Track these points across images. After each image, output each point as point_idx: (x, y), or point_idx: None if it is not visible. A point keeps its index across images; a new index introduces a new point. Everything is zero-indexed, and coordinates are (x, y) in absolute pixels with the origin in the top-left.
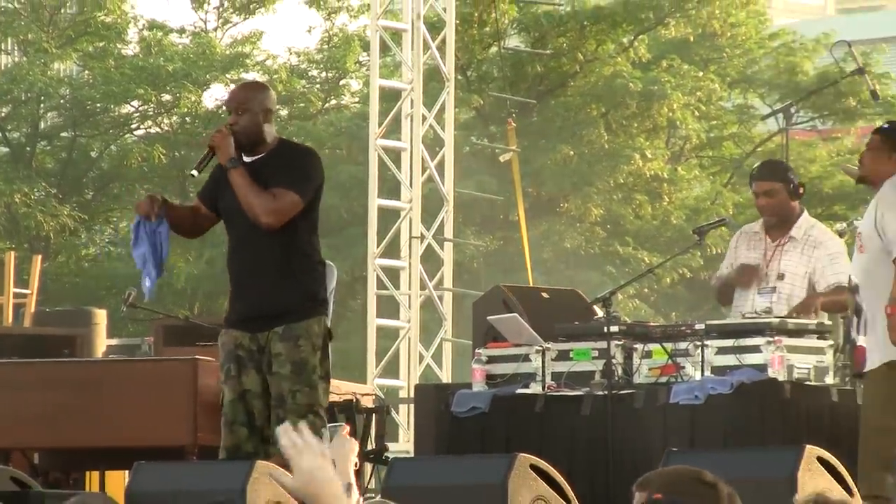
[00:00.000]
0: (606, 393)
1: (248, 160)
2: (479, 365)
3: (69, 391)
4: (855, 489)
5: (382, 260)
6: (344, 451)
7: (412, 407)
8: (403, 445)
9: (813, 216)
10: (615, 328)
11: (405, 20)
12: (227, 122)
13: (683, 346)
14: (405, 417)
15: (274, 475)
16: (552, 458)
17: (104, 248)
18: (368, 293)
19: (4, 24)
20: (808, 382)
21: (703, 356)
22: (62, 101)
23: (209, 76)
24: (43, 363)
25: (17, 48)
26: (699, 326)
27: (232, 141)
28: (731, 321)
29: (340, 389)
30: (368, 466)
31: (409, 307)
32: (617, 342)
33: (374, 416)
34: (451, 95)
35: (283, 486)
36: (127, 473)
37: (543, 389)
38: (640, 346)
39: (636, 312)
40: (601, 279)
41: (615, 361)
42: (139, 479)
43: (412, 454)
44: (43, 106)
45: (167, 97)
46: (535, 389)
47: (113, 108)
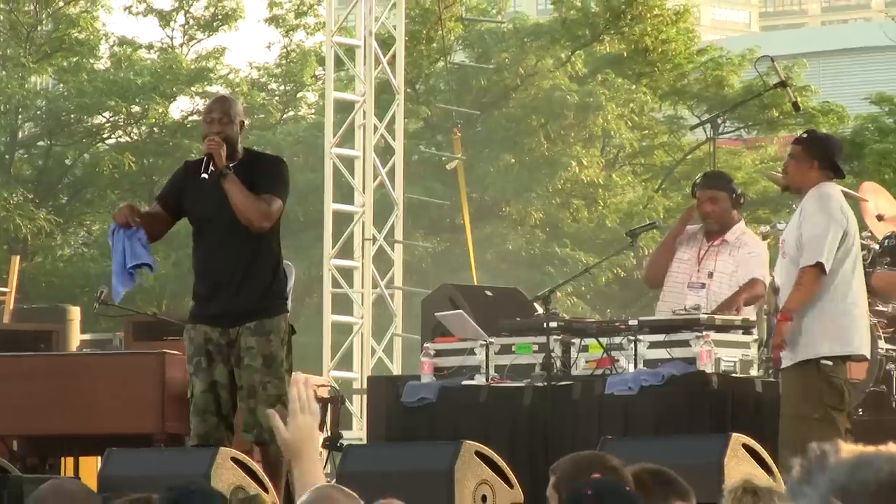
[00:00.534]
0: (546, 384)
1: (223, 167)
2: (427, 358)
3: (46, 382)
4: (778, 474)
5: (337, 260)
6: (304, 396)
7: (365, 397)
8: (357, 433)
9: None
10: (554, 324)
11: (358, 37)
12: (214, 131)
13: (618, 340)
14: (359, 407)
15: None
16: (495, 445)
17: (78, 249)
18: (324, 291)
19: None
20: (733, 375)
21: (636, 350)
22: (39, 112)
23: (175, 89)
24: (21, 356)
25: None
26: (632, 322)
27: (225, 149)
28: (662, 317)
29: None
30: (324, 452)
31: (362, 304)
32: (556, 337)
33: (329, 405)
34: (400, 107)
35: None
36: (99, 459)
37: (487, 381)
38: (577, 340)
39: (574, 309)
40: (541, 278)
41: (554, 355)
42: (111, 464)
43: (365, 441)
44: (21, 117)
45: (136, 109)
46: (479, 381)
47: (86, 118)
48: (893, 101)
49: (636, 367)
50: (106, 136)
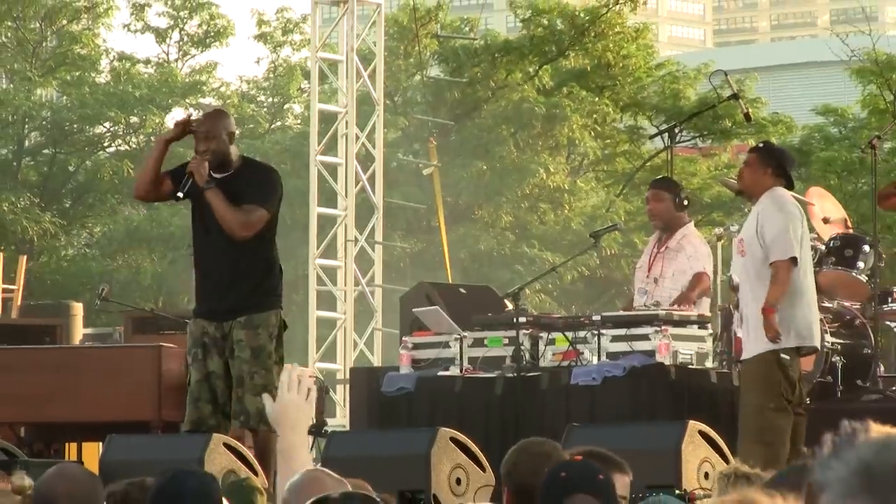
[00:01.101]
0: (516, 375)
1: (217, 177)
2: (405, 351)
3: (51, 373)
4: (731, 458)
5: (322, 260)
6: (293, 379)
7: (348, 387)
8: (340, 420)
9: (694, 222)
10: (523, 319)
11: (341, 52)
12: (198, 149)
13: (582, 334)
14: (342, 396)
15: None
16: (469, 431)
17: (81, 249)
18: (310, 289)
19: None
20: (690, 366)
21: (599, 343)
22: (44, 122)
23: (171, 101)
24: (28, 349)
25: (4, 76)
26: (596, 318)
27: (206, 166)
28: (623, 313)
29: None
30: (310, 439)
31: (344, 301)
32: (525, 331)
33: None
34: (380, 118)
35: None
36: (101, 444)
37: (461, 372)
38: (544, 334)
39: (541, 305)
40: (511, 277)
41: (523, 348)
42: (111, 449)
43: (348, 428)
44: (27, 126)
45: (135, 119)
46: (454, 372)
47: (88, 128)
48: (838, 112)
49: (600, 359)
50: (106, 144)
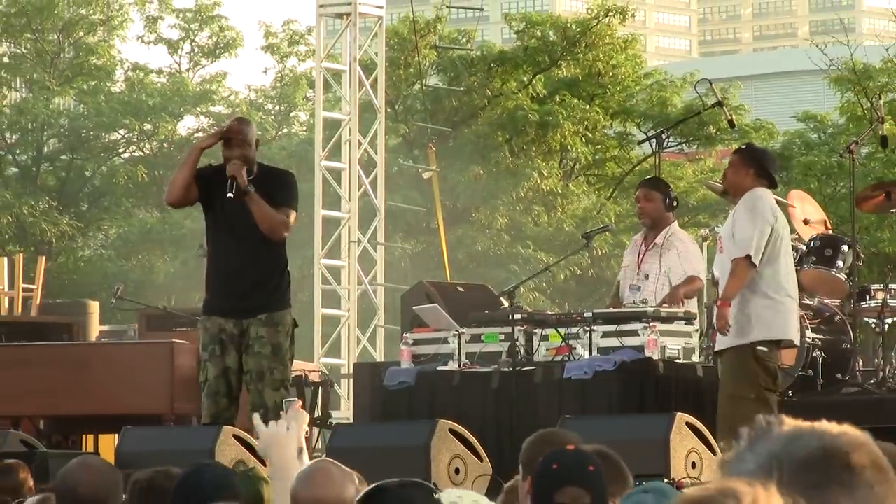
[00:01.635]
0: (511, 370)
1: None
2: (406, 346)
3: (68, 368)
4: (717, 449)
5: (326, 260)
6: (297, 420)
7: (351, 381)
8: (345, 413)
9: (680, 224)
10: (518, 316)
11: (344, 63)
12: (235, 155)
13: (574, 330)
14: (346, 390)
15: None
16: (467, 423)
17: (97, 250)
18: (315, 288)
19: (13, 66)
20: (677, 361)
21: (590, 339)
22: (62, 129)
23: (182, 109)
24: (47, 346)
25: (24, 86)
26: (587, 314)
27: (245, 170)
28: (613, 310)
29: (293, 367)
30: (315, 431)
31: (348, 299)
32: (520, 328)
33: (319, 389)
34: (382, 125)
35: (254, 442)
36: (116, 436)
37: (459, 367)
38: (538, 330)
39: (535, 303)
40: (506, 276)
41: (518, 343)
42: (126, 440)
43: (352, 420)
44: (45, 133)
45: (148, 126)
46: (452, 367)
47: (103, 135)
48: (818, 118)
49: (591, 354)
50: (121, 150)
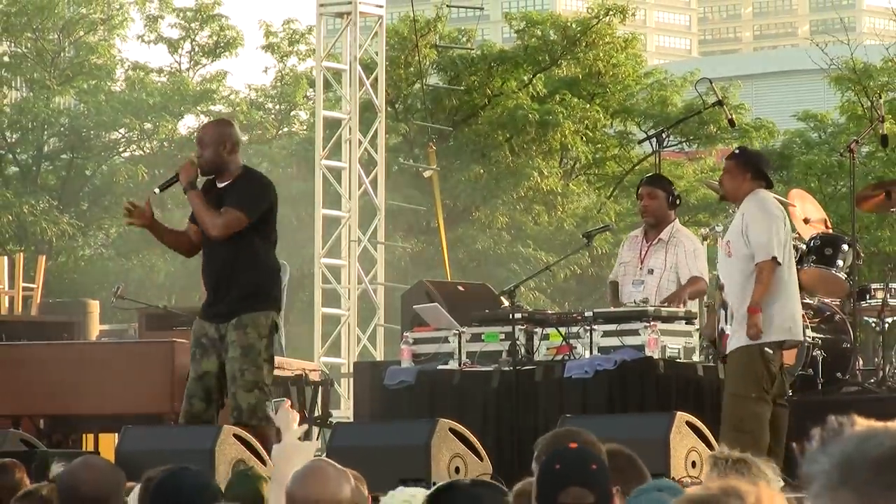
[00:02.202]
0: (512, 369)
1: (220, 185)
2: (406, 345)
3: (69, 368)
4: (717, 447)
5: (327, 259)
6: (287, 420)
7: (352, 380)
8: (345, 412)
9: (680, 223)
10: (519, 315)
11: (344, 62)
12: (195, 155)
13: (575, 330)
14: (346, 389)
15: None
16: (467, 422)
17: (97, 250)
18: (315, 287)
19: (14, 65)
20: (678, 360)
21: (591, 338)
22: (62, 128)
23: (183, 108)
24: (47, 345)
25: (24, 85)
26: (588, 314)
27: (196, 170)
28: (614, 309)
29: (293, 366)
30: (316, 430)
31: (348, 298)
32: (520, 327)
33: (320, 388)
34: (382, 124)
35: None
36: (116, 435)
37: (460, 366)
38: (539, 330)
39: (536, 302)
40: (507, 275)
41: (519, 343)
42: (127, 440)
43: (352, 419)
44: (46, 133)
45: (148, 126)
46: (452, 366)
47: (104, 134)
48: (818, 118)
49: (591, 353)
50: (122, 149)
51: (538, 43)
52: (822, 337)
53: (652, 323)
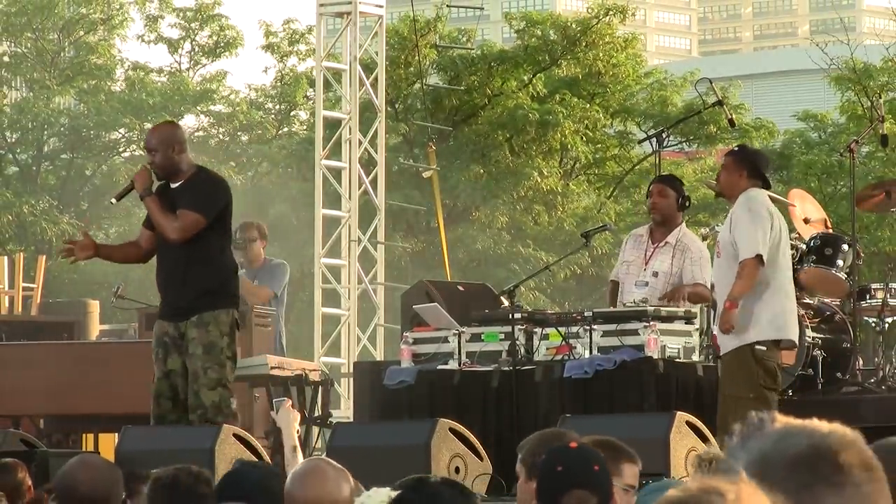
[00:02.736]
0: (511, 369)
1: (173, 186)
2: (406, 345)
3: (69, 367)
4: (717, 447)
5: (327, 259)
6: (288, 420)
7: (352, 380)
8: (345, 412)
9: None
10: (518, 315)
11: (344, 62)
12: (147, 161)
13: (575, 329)
14: (346, 389)
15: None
16: (467, 422)
17: None
18: (315, 287)
19: (14, 65)
20: (677, 360)
21: (591, 338)
22: (62, 128)
23: (183, 108)
24: (47, 345)
25: (24, 85)
26: (588, 314)
27: (150, 176)
28: (613, 309)
29: (293, 366)
30: (316, 430)
31: (348, 298)
32: (520, 327)
33: (320, 387)
34: (382, 124)
35: (254, 441)
36: (116, 435)
37: (459, 366)
38: (539, 330)
39: (535, 302)
40: (507, 275)
41: (519, 343)
42: (126, 439)
43: (352, 419)
44: (46, 133)
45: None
46: (452, 366)
47: (104, 134)
48: (818, 117)
49: (591, 353)
50: (121, 149)
51: (538, 43)
52: (822, 337)
53: (651, 323)
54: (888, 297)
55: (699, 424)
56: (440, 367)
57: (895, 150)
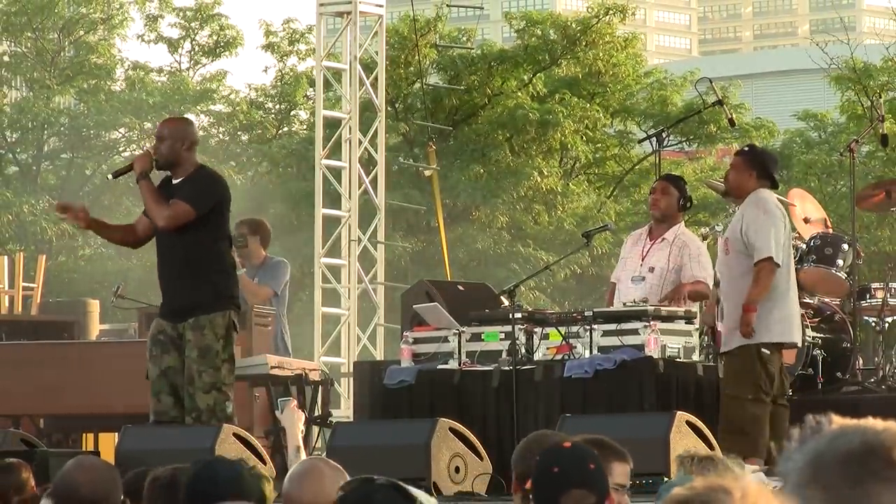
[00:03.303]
0: (511, 368)
1: (174, 182)
2: (406, 345)
3: (69, 367)
4: (717, 447)
5: (327, 259)
6: (292, 420)
7: (352, 380)
8: (345, 412)
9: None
10: (518, 315)
11: (344, 61)
12: (152, 148)
13: (575, 329)
14: (346, 389)
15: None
16: (467, 422)
17: (97, 249)
18: (315, 286)
19: (14, 65)
20: (678, 359)
21: (591, 338)
22: (62, 128)
23: (183, 108)
24: (47, 344)
25: (24, 85)
26: (588, 313)
27: (150, 161)
28: (614, 309)
29: (293, 366)
30: (316, 429)
31: (348, 298)
32: (520, 326)
33: (320, 387)
34: (382, 123)
35: (254, 441)
36: (116, 435)
37: (459, 365)
38: (539, 329)
39: (536, 302)
40: (507, 275)
41: (519, 342)
42: (126, 439)
43: (352, 419)
44: (46, 132)
45: (148, 125)
46: (452, 365)
47: (104, 134)
48: (818, 117)
49: (591, 352)
50: (122, 149)
51: (538, 42)
52: (822, 336)
53: (652, 323)
54: (888, 296)
55: (699, 424)
56: (440, 366)
57: (895, 149)
